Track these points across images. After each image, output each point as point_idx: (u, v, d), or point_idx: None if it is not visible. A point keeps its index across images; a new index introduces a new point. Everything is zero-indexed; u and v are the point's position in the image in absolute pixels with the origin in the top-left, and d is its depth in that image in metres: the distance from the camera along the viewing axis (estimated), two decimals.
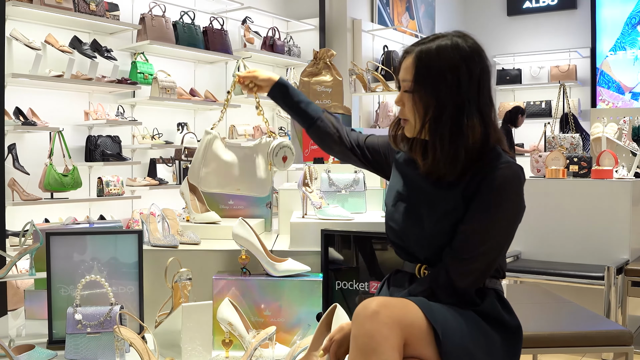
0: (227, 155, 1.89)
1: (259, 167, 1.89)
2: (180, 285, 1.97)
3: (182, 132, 4.95)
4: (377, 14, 6.61)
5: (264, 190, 1.91)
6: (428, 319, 1.36)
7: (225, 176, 1.88)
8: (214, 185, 1.89)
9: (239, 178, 1.89)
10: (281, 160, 1.88)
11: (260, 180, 1.89)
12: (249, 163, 1.90)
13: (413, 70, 1.48)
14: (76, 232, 1.98)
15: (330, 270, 2.01)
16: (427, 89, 1.46)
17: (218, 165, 1.87)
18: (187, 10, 4.97)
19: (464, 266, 1.45)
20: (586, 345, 2.14)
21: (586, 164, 3.75)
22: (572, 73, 8.00)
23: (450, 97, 1.45)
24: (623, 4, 7.99)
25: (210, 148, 1.88)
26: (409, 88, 1.49)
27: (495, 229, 1.45)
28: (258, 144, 1.91)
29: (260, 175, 1.89)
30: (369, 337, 1.30)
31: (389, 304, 1.34)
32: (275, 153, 1.87)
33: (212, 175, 1.87)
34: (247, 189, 1.90)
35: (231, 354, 1.86)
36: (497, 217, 1.45)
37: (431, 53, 1.47)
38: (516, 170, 1.47)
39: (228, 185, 1.90)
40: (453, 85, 1.45)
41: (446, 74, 1.45)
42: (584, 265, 3.46)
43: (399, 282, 1.60)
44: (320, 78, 2.68)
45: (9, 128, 3.68)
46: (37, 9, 3.86)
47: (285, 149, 1.89)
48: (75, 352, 1.76)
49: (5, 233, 3.53)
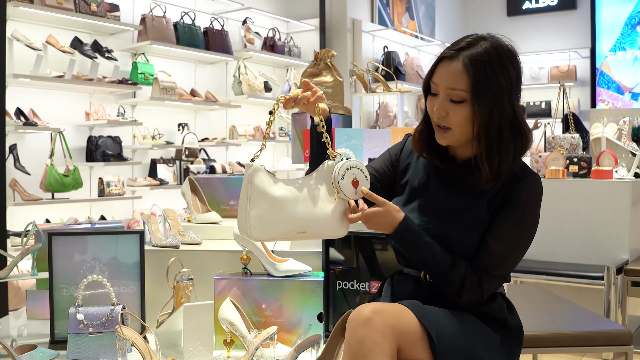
0: (279, 190, 1.46)
1: (324, 201, 1.47)
2: (181, 285, 1.97)
3: (182, 133, 4.96)
4: (377, 14, 6.61)
5: (341, 229, 1.48)
6: (422, 324, 1.36)
7: (283, 217, 1.45)
8: (269, 231, 1.45)
9: (301, 218, 1.46)
10: (350, 185, 1.45)
11: (331, 217, 1.47)
12: (311, 197, 1.47)
13: (467, 79, 1.38)
14: (78, 232, 1.99)
15: (331, 270, 2.01)
16: (487, 97, 1.38)
17: (270, 205, 1.44)
18: (187, 10, 4.97)
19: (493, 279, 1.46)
20: (586, 345, 2.15)
21: (586, 164, 3.76)
22: (572, 73, 8.01)
23: (508, 101, 1.40)
24: (623, 4, 8.00)
25: (253, 184, 1.44)
26: (461, 97, 1.39)
27: (521, 242, 1.46)
28: (319, 171, 1.49)
29: (328, 210, 1.47)
30: (360, 344, 1.31)
31: (383, 311, 1.34)
32: (341, 177, 1.45)
33: (265, 218, 1.44)
34: (316, 231, 1.48)
35: (232, 353, 1.87)
36: (523, 231, 1.46)
37: (483, 58, 1.38)
38: (540, 183, 1.47)
39: (288, 228, 1.46)
40: (507, 90, 1.40)
41: (501, 81, 1.39)
42: (584, 265, 3.47)
43: (402, 284, 1.58)
44: (321, 79, 2.68)
45: (10, 128, 3.68)
46: (38, 10, 3.86)
47: (354, 170, 1.45)
48: (77, 352, 1.76)
49: (7, 233, 3.54)
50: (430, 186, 1.54)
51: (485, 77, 1.38)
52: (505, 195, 1.44)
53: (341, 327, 1.60)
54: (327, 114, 1.52)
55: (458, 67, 1.39)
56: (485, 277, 1.44)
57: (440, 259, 1.44)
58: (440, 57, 1.44)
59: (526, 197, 1.44)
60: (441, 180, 1.53)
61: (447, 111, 1.42)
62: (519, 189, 1.43)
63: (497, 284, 1.48)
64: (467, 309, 1.47)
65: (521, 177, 1.44)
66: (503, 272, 1.46)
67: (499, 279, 1.47)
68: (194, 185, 2.50)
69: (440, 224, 1.49)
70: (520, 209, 1.44)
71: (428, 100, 1.49)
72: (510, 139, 1.41)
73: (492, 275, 1.45)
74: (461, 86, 1.39)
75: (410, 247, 1.45)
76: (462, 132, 1.43)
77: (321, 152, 1.51)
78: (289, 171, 5.86)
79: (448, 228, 1.48)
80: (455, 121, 1.42)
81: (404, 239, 1.44)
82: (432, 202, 1.53)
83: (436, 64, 1.45)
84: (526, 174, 1.45)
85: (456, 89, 1.40)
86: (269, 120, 1.48)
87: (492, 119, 1.39)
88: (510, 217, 1.44)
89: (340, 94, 2.69)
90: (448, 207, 1.50)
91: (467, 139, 1.45)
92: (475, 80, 1.37)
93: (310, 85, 1.52)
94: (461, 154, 1.52)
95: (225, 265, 2.07)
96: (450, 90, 1.41)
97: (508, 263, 1.46)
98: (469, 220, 1.47)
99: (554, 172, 3.73)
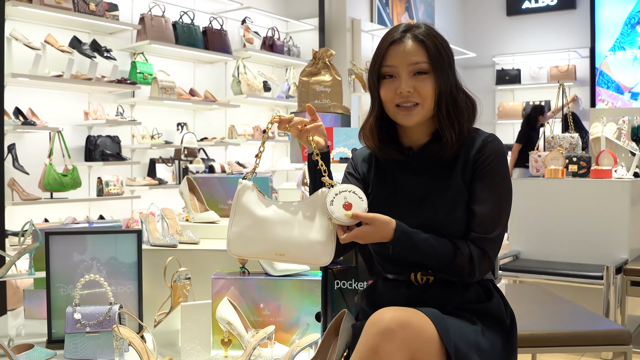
0: (264, 210, 1.47)
1: (310, 227, 1.45)
2: (179, 285, 1.97)
3: (181, 132, 4.95)
4: (376, 14, 6.61)
5: (322, 257, 1.45)
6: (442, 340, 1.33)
7: (263, 237, 1.45)
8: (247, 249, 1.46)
9: (281, 241, 1.45)
10: (341, 209, 1.41)
11: (314, 243, 1.44)
12: (296, 222, 1.46)
13: (424, 50, 1.47)
14: (75, 231, 1.98)
15: (329, 270, 2.01)
16: (443, 65, 1.48)
17: (251, 224, 1.45)
18: (186, 10, 4.97)
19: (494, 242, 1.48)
20: (585, 344, 2.15)
21: (585, 163, 3.76)
22: (572, 73, 8.01)
23: (454, 75, 1.52)
24: (622, 4, 7.99)
25: (239, 201, 1.47)
26: (424, 69, 1.47)
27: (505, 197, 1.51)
28: (313, 197, 1.48)
29: (312, 237, 1.44)
30: (374, 352, 1.29)
31: (407, 325, 1.31)
32: (330, 202, 1.41)
33: (244, 235, 1.45)
34: (295, 255, 1.46)
35: (230, 353, 1.87)
36: (504, 186, 1.50)
37: (430, 32, 1.49)
38: (500, 141, 1.54)
39: (267, 248, 1.45)
40: (452, 62, 1.51)
41: (448, 52, 1.50)
42: (583, 265, 3.47)
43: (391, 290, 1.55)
44: (320, 78, 2.68)
45: (8, 128, 3.68)
46: (37, 9, 3.86)
47: (344, 193, 1.42)
48: (75, 352, 1.76)
49: (5, 233, 3.54)
50: (397, 182, 1.56)
51: (437, 48, 1.48)
52: (474, 162, 1.49)
53: (335, 326, 1.59)
54: (322, 147, 1.50)
55: (412, 44, 1.48)
56: (486, 244, 1.46)
57: (443, 249, 1.44)
58: (389, 42, 1.49)
59: (494, 155, 1.50)
60: (406, 172, 1.55)
61: (414, 86, 1.47)
62: (486, 150, 1.50)
63: (499, 245, 1.51)
64: (467, 310, 1.47)
65: (483, 139, 1.51)
66: (499, 232, 1.49)
67: (498, 240, 1.50)
68: (192, 185, 2.50)
69: (423, 214, 1.49)
70: (493, 168, 1.49)
71: (384, 86, 1.51)
72: (463, 106, 1.51)
73: (491, 239, 1.47)
74: (422, 58, 1.47)
75: (411, 249, 1.43)
76: (430, 105, 1.49)
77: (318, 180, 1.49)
78: (287, 171, 5.86)
79: (431, 215, 1.48)
80: (424, 94, 1.47)
81: (403, 244, 1.42)
82: (406, 196, 1.53)
83: (386, 50, 1.49)
84: (485, 135, 1.53)
85: (419, 62, 1.47)
86: (263, 138, 1.50)
87: (450, 86, 1.49)
88: (488, 179, 1.48)
89: (339, 93, 2.68)
90: (423, 195, 1.51)
91: (432, 112, 1.50)
92: (433, 51, 1.47)
93: (313, 112, 1.52)
94: (416, 140, 1.55)
95: (222, 265, 2.06)
96: (412, 65, 1.47)
97: (500, 221, 1.49)
98: (447, 199, 1.48)
99: (553, 171, 3.73)
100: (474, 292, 1.50)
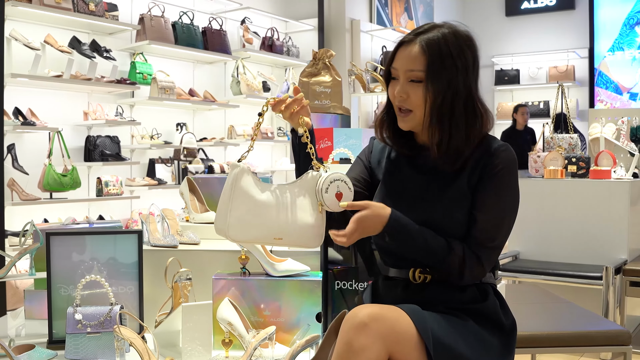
0: (262, 194, 1.48)
1: (304, 210, 1.48)
2: (180, 285, 1.97)
3: (181, 132, 4.95)
4: (375, 14, 6.61)
5: (315, 240, 1.50)
6: (419, 331, 1.35)
7: (263, 221, 1.47)
8: (247, 233, 1.47)
9: (280, 224, 1.48)
10: (334, 197, 1.45)
11: (308, 227, 1.48)
12: (291, 205, 1.49)
13: (424, 59, 1.44)
14: (76, 232, 1.98)
15: (330, 270, 2.01)
16: (441, 77, 1.44)
17: (251, 207, 1.46)
18: (186, 10, 4.97)
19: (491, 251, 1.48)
20: (584, 345, 2.15)
21: (584, 164, 3.76)
22: (571, 73, 8.02)
23: (462, 83, 1.46)
24: (621, 4, 8.01)
25: (238, 185, 1.46)
26: (419, 78, 1.45)
27: (509, 209, 1.49)
28: (302, 180, 1.51)
29: (306, 220, 1.48)
30: (348, 346, 1.31)
31: (380, 317, 1.33)
32: (325, 190, 1.45)
33: (244, 220, 1.45)
34: (292, 239, 1.49)
35: (231, 353, 1.87)
36: (509, 198, 1.49)
37: (439, 41, 1.45)
38: (513, 152, 1.52)
39: (266, 233, 1.47)
40: (463, 72, 1.46)
41: (456, 61, 1.45)
42: (583, 266, 3.47)
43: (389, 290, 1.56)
44: (320, 78, 2.68)
45: (8, 128, 3.68)
46: (37, 9, 3.86)
47: (337, 182, 1.46)
48: (75, 352, 1.76)
49: (5, 233, 3.54)
50: (404, 176, 1.57)
51: (441, 58, 1.44)
52: (482, 168, 1.48)
53: (335, 327, 1.59)
54: (309, 126, 1.55)
55: (415, 49, 1.46)
56: (483, 252, 1.46)
57: (436, 244, 1.45)
58: (400, 43, 1.50)
59: (503, 165, 1.48)
60: (414, 168, 1.56)
61: (408, 93, 1.47)
62: (495, 159, 1.48)
63: (496, 255, 1.50)
64: (462, 310, 1.47)
65: (494, 148, 1.49)
66: (498, 243, 1.49)
67: (496, 250, 1.49)
68: (192, 185, 2.50)
69: (425, 211, 1.50)
70: (501, 176, 1.47)
71: (390, 86, 1.53)
72: (463, 119, 1.46)
73: (489, 248, 1.47)
74: (418, 67, 1.45)
75: (405, 238, 1.45)
76: (421, 114, 1.48)
77: (307, 163, 1.54)
78: (287, 171, 5.86)
79: (430, 213, 1.49)
80: (416, 102, 1.47)
81: (397, 231, 1.44)
82: (410, 192, 1.54)
83: (396, 50, 1.50)
84: (498, 144, 1.50)
85: (414, 70, 1.46)
86: (257, 121, 1.52)
87: (445, 98, 1.44)
88: (493, 187, 1.47)
89: (339, 93, 2.69)
90: (426, 193, 1.52)
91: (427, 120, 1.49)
92: (431, 61, 1.44)
93: (299, 92, 1.56)
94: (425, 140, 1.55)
95: (223, 265, 2.07)
96: (409, 72, 1.46)
97: (501, 232, 1.48)
98: (450, 201, 1.49)
99: (552, 172, 3.73)
100: (470, 293, 1.50)
